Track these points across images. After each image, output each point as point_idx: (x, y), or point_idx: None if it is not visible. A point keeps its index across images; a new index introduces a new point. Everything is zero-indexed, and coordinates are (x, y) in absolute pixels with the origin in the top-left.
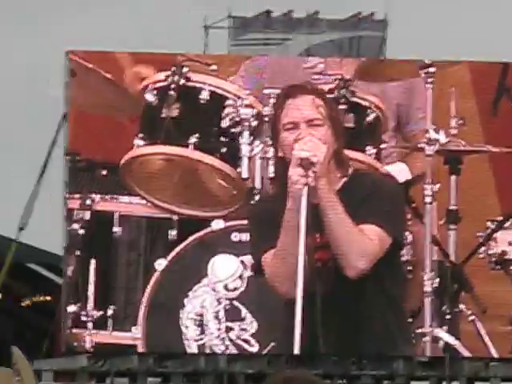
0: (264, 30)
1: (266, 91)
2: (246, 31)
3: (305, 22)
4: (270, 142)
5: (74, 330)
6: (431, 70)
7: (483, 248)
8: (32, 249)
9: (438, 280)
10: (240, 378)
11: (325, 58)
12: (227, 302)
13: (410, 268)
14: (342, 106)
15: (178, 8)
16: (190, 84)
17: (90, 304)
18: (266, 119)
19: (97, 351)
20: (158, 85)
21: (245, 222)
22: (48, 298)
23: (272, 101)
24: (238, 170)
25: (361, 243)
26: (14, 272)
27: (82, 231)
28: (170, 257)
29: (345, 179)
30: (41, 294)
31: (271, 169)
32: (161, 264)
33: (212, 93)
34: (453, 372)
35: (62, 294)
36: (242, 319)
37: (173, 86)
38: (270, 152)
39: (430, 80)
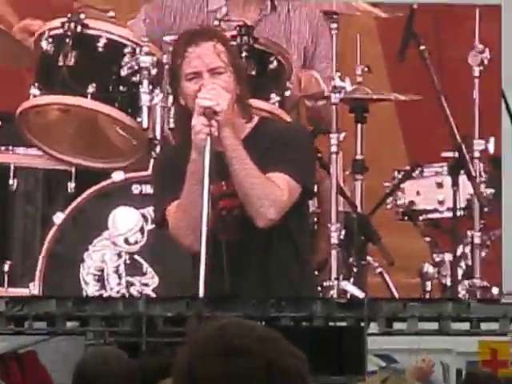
0: None
1: (167, 38)
2: None
3: None
4: (170, 91)
5: None
6: (335, 16)
7: (390, 198)
8: None
9: (344, 231)
10: (159, 321)
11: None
12: (128, 256)
13: (316, 219)
14: (244, 53)
15: None
16: (87, 31)
17: None
18: (167, 67)
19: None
20: (54, 32)
21: (145, 173)
22: None
23: (171, 49)
24: (138, 119)
25: (269, 192)
26: None
27: None
28: (68, 210)
29: (250, 126)
30: None
31: (172, 118)
32: (59, 217)
33: (110, 40)
34: (371, 313)
35: None
36: (144, 274)
37: (69, 33)
38: (171, 101)
39: (334, 26)
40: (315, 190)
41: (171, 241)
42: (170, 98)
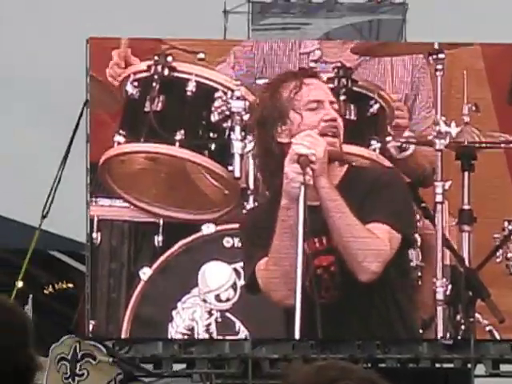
0: (283, 15)
1: (260, 81)
2: (265, 16)
3: (324, 7)
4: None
5: None
6: (441, 56)
7: (500, 251)
8: (55, 236)
9: (450, 287)
10: (265, 363)
11: (321, 40)
12: (219, 314)
13: (419, 274)
14: (342, 97)
15: None
16: (175, 74)
17: None
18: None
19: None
20: (140, 75)
21: (238, 225)
22: (70, 285)
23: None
24: (230, 168)
25: (372, 244)
26: (36, 260)
27: None
28: (155, 265)
29: (342, 174)
30: (63, 281)
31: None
32: (145, 273)
33: (199, 84)
34: (478, 354)
35: (86, 282)
36: (236, 333)
37: (156, 76)
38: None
39: (439, 67)
40: (419, 241)
41: (264, 298)
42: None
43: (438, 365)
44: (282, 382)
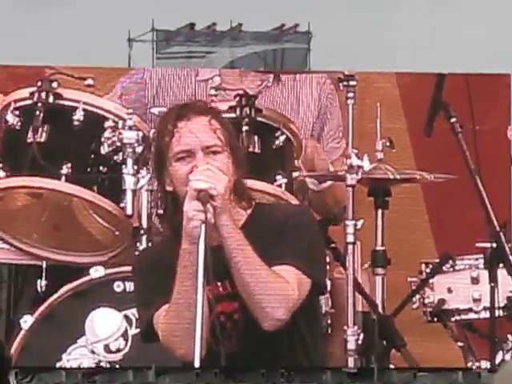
0: (188, 43)
1: (154, 110)
2: (169, 44)
3: (228, 35)
4: (155, 175)
5: None
6: (352, 83)
7: (417, 296)
8: None
9: (363, 336)
10: None
11: (219, 68)
12: (108, 365)
13: (329, 321)
14: (245, 127)
15: (101, 21)
16: (60, 102)
17: None
18: (154, 144)
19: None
20: (22, 103)
21: (129, 268)
22: None
23: (158, 123)
24: (121, 205)
25: (277, 288)
26: None
27: None
28: (38, 312)
29: (248, 212)
30: None
31: (159, 205)
32: (27, 321)
33: (88, 112)
34: (381, 383)
35: None
36: None
37: (39, 104)
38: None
39: (350, 95)
40: (328, 286)
41: (160, 349)
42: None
43: None
44: None
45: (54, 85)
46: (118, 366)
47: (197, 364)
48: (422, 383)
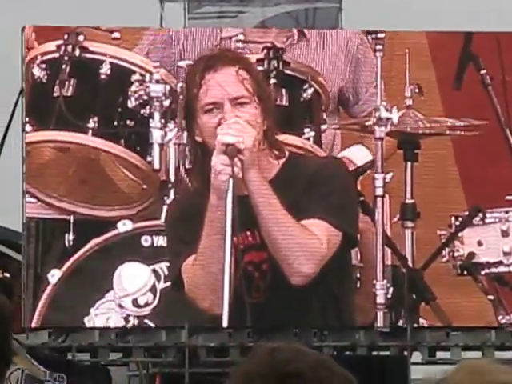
0: (219, 3)
1: (181, 63)
2: (201, 4)
3: None
4: (184, 126)
5: None
6: (380, 35)
7: (447, 250)
8: None
9: (392, 289)
10: (202, 352)
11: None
12: (137, 320)
13: (358, 275)
14: (273, 80)
15: None
16: (87, 55)
17: None
18: (181, 97)
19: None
20: (48, 56)
21: (158, 222)
22: (7, 274)
23: (186, 75)
24: (149, 159)
25: (306, 243)
26: None
27: None
28: (65, 267)
29: (279, 166)
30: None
31: (188, 158)
32: (55, 275)
33: (114, 66)
34: (414, 342)
35: (22, 271)
36: None
37: (66, 57)
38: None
39: (378, 47)
40: (358, 239)
41: (188, 303)
42: (185, 134)
43: (374, 352)
44: (238, 369)
45: (81, 38)
46: (152, 325)
47: (225, 324)
48: (455, 342)
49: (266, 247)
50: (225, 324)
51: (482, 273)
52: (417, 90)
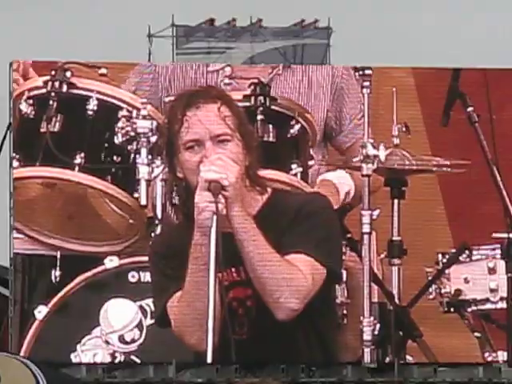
0: (207, 39)
1: (168, 99)
2: (189, 40)
3: (248, 31)
4: (166, 162)
5: None
6: (367, 71)
7: (433, 287)
8: None
9: (379, 326)
10: None
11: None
12: (123, 356)
13: (345, 312)
14: (260, 116)
15: (121, 17)
16: (74, 91)
17: None
18: (165, 132)
19: None
20: (35, 92)
21: (144, 258)
22: None
23: (168, 110)
24: (135, 195)
25: (291, 279)
26: None
27: None
28: (52, 303)
29: (263, 201)
30: None
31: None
32: (41, 312)
33: (101, 102)
34: (402, 377)
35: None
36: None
37: (53, 93)
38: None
39: (365, 84)
40: (344, 276)
41: (175, 339)
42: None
43: None
44: None
45: (68, 74)
46: (139, 361)
47: (209, 360)
48: (443, 378)
49: (250, 284)
50: (209, 360)
51: (469, 310)
52: (404, 129)
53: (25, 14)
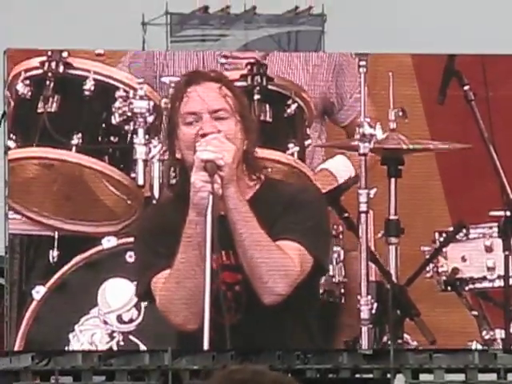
0: (202, 26)
1: (165, 79)
2: (183, 28)
3: (242, 18)
4: (165, 142)
5: None
6: (364, 51)
7: (431, 265)
8: None
9: (376, 305)
10: (185, 374)
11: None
12: (121, 336)
13: (342, 291)
14: (256, 96)
15: (115, 5)
16: (71, 72)
17: None
18: (165, 113)
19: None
20: (32, 73)
21: None
22: None
23: (172, 91)
24: (133, 175)
25: (280, 263)
26: None
27: None
28: (50, 283)
29: (257, 187)
30: None
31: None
32: (39, 292)
33: (98, 82)
34: (397, 364)
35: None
36: None
37: (50, 74)
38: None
39: (362, 63)
40: (341, 255)
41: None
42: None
43: (357, 375)
44: None
45: (64, 54)
46: (137, 341)
47: (206, 346)
48: (438, 364)
49: (240, 269)
50: (206, 346)
51: (466, 288)
52: (401, 113)
53: (19, 2)
